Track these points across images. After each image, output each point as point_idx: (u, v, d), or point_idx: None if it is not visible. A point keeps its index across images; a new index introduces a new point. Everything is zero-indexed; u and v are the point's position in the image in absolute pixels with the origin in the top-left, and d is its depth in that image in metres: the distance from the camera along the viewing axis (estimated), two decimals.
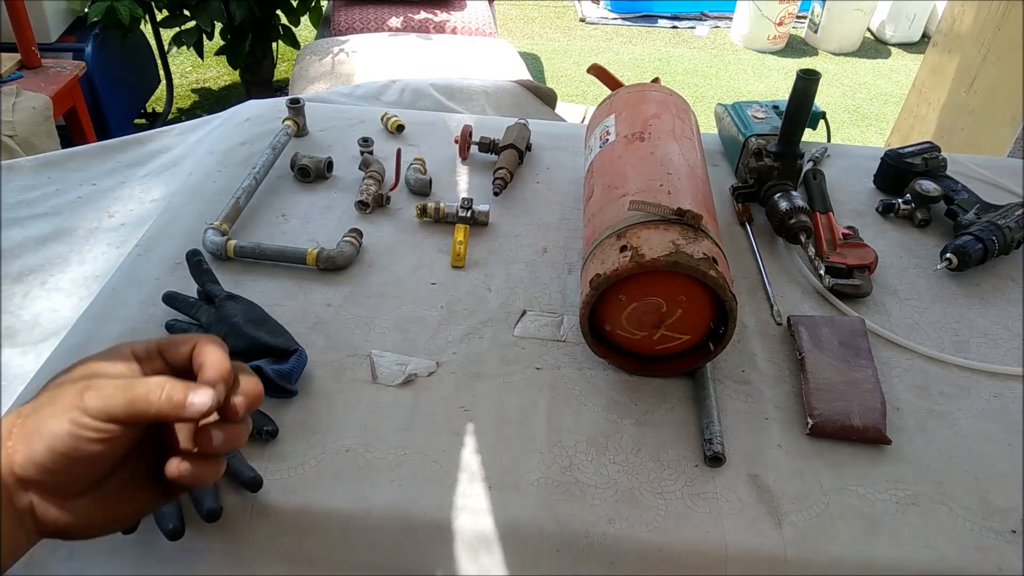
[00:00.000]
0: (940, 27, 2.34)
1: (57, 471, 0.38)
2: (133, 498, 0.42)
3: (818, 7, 4.14)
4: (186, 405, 0.39)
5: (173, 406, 0.39)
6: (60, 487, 0.39)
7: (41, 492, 0.39)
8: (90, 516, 0.40)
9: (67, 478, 0.39)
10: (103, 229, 1.03)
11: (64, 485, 0.39)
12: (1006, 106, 1.95)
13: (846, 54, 4.14)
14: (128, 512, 0.42)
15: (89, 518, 0.40)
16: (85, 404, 0.38)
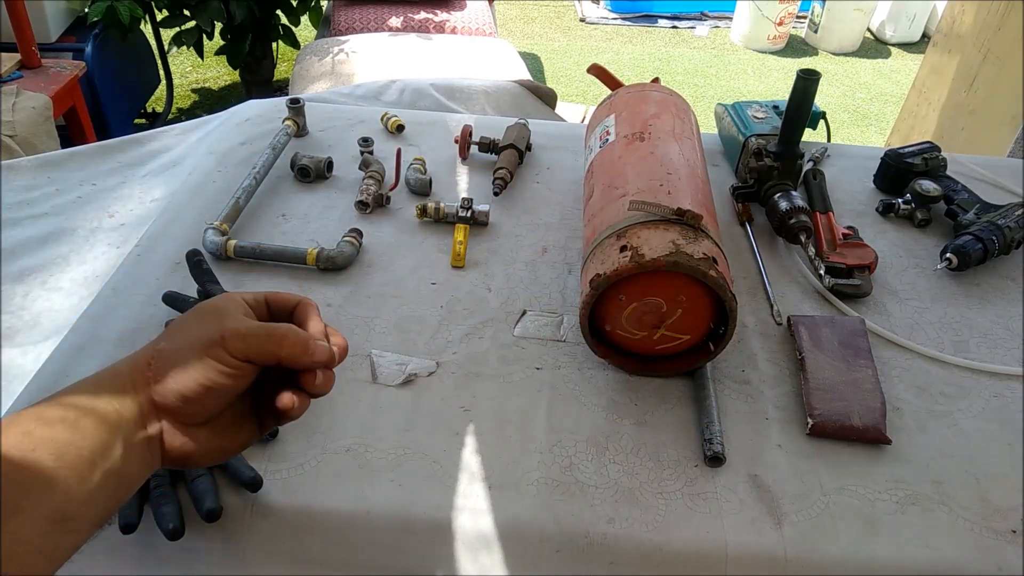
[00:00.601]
0: (940, 27, 2.34)
1: (192, 400, 0.42)
2: (240, 430, 0.47)
3: (818, 7, 4.14)
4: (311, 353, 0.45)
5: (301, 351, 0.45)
6: (190, 416, 0.43)
7: (171, 420, 0.43)
8: (207, 445, 0.45)
9: (199, 407, 0.43)
10: (103, 229, 1.03)
11: (194, 414, 0.43)
12: (1006, 106, 1.95)
13: (846, 54, 4.14)
14: (235, 443, 0.47)
15: (206, 447, 0.44)
16: (228, 345, 0.43)
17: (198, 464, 0.45)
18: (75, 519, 0.37)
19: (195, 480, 0.63)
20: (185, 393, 0.42)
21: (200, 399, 0.42)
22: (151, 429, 0.42)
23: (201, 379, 0.42)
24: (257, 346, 0.44)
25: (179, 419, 0.43)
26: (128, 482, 0.41)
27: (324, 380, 0.47)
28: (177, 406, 0.42)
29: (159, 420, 0.42)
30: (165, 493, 0.62)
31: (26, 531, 0.35)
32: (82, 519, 0.38)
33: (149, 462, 0.42)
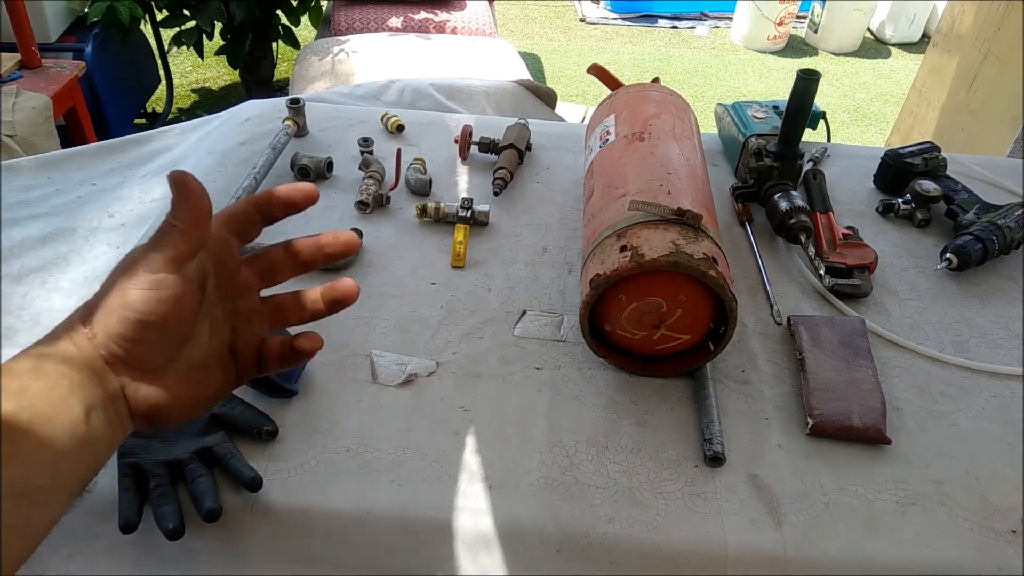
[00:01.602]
0: (940, 27, 2.34)
1: (135, 339, 0.39)
2: (212, 377, 0.43)
3: (818, 7, 4.14)
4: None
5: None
6: (143, 358, 0.40)
7: (128, 369, 0.39)
8: (176, 393, 0.41)
9: (146, 347, 0.39)
10: (103, 229, 1.03)
11: (146, 356, 0.40)
12: (1006, 106, 1.95)
13: (846, 54, 4.14)
14: (209, 391, 0.43)
15: (176, 396, 0.41)
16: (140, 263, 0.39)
17: (171, 418, 0.41)
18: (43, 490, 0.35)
19: (195, 480, 0.63)
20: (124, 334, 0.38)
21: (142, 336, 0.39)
22: (110, 386, 0.39)
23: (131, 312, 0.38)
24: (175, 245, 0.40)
25: (136, 366, 0.39)
26: (97, 447, 0.38)
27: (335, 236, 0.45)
28: (124, 349, 0.39)
29: (116, 375, 0.39)
30: (165, 493, 0.62)
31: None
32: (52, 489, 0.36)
33: (117, 422, 0.39)
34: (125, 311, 0.38)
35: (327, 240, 0.46)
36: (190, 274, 0.41)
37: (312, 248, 0.46)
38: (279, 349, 0.45)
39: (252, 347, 0.45)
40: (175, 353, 0.41)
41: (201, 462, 0.64)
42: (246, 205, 0.44)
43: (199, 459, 0.65)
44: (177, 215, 0.40)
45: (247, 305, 0.45)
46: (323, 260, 0.46)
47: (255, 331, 0.45)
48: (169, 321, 0.39)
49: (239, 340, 0.44)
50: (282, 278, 0.47)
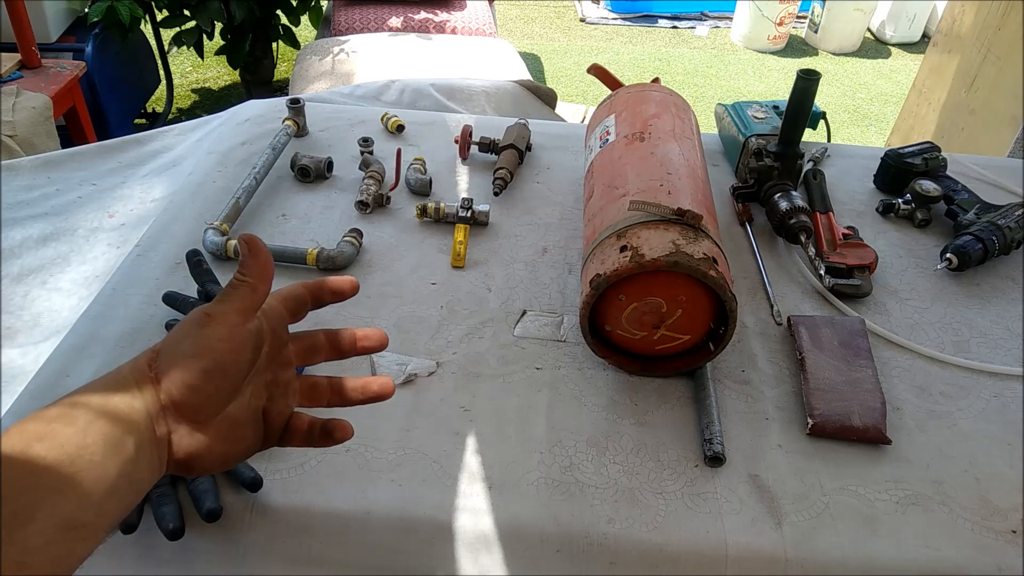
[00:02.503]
0: (940, 27, 2.34)
1: (198, 386, 0.42)
2: (245, 437, 0.46)
3: (818, 7, 4.14)
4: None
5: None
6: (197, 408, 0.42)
7: (178, 417, 0.42)
8: (214, 447, 0.43)
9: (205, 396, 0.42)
10: (103, 229, 1.03)
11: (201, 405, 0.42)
12: (1006, 106, 1.95)
13: (846, 54, 4.14)
14: (240, 449, 0.46)
15: (211, 449, 0.43)
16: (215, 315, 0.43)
17: (201, 470, 0.44)
18: (87, 526, 0.36)
19: (195, 480, 0.63)
20: (187, 380, 0.41)
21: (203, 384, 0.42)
22: (159, 431, 0.41)
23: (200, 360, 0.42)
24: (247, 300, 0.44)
25: (187, 416, 0.42)
26: (138, 486, 0.40)
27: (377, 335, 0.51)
28: (184, 397, 0.41)
29: (166, 421, 0.42)
30: (165, 493, 0.62)
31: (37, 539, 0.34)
32: (94, 525, 0.37)
33: (157, 466, 0.41)
34: (197, 359, 0.42)
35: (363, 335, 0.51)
36: (252, 331, 0.44)
37: (350, 340, 0.51)
38: (307, 427, 0.49)
39: (283, 417, 0.48)
40: (223, 407, 0.44)
41: None
42: (302, 290, 0.49)
43: None
44: (246, 271, 0.45)
45: (285, 378, 0.48)
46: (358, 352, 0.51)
47: (288, 403, 0.49)
48: (229, 372, 0.43)
49: (273, 408, 0.47)
50: (319, 360, 0.51)
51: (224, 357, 0.42)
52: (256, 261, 0.45)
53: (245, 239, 0.45)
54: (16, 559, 0.33)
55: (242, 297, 0.44)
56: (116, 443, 0.38)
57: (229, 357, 0.43)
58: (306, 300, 0.49)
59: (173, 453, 0.42)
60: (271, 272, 0.46)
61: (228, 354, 0.43)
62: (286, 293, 0.49)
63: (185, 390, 0.41)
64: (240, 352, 0.43)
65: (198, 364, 0.42)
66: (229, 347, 0.43)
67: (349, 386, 0.51)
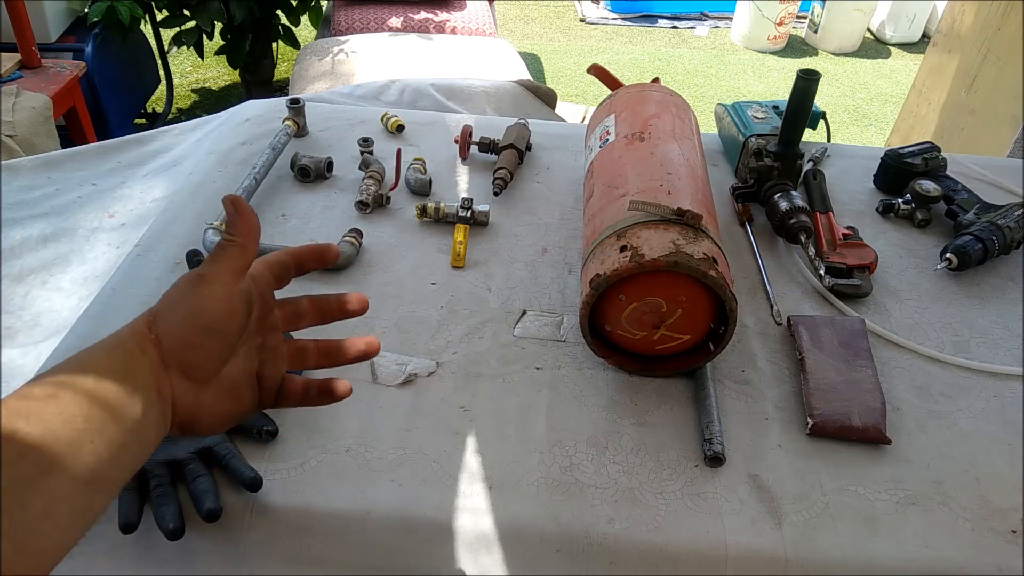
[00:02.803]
0: (940, 27, 2.34)
1: (198, 344, 0.43)
2: (242, 396, 0.47)
3: (818, 7, 4.14)
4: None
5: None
6: (198, 366, 0.43)
7: (180, 377, 0.43)
8: (213, 406, 0.45)
9: (205, 353, 0.43)
10: (103, 229, 1.03)
11: (201, 363, 0.43)
12: (1006, 106, 1.95)
13: (846, 54, 4.14)
14: (237, 410, 0.47)
15: (212, 408, 0.45)
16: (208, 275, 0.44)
17: (202, 429, 0.45)
18: (105, 480, 0.38)
19: (195, 480, 0.63)
20: (189, 339, 0.42)
21: (202, 342, 0.43)
22: (163, 391, 0.42)
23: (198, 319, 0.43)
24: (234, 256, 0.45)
25: (188, 374, 0.43)
26: (146, 444, 0.41)
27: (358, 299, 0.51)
28: (185, 355, 0.42)
29: (169, 381, 0.43)
30: (165, 493, 0.62)
31: (62, 489, 0.36)
32: (110, 480, 0.38)
33: (162, 426, 0.42)
34: (195, 317, 0.43)
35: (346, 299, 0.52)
36: (244, 291, 0.45)
37: (335, 304, 0.52)
38: (302, 388, 0.51)
39: (275, 380, 0.49)
40: (221, 366, 0.45)
41: (201, 462, 0.65)
42: (286, 257, 0.50)
43: (199, 459, 0.65)
44: (234, 230, 0.45)
45: (273, 341, 0.49)
46: (342, 316, 0.52)
47: (279, 366, 0.50)
48: (225, 330, 0.44)
49: (264, 371, 0.49)
50: (304, 325, 0.52)
51: (220, 316, 0.43)
52: (242, 220, 0.46)
53: (230, 199, 0.46)
54: (44, 507, 0.35)
55: (232, 256, 0.45)
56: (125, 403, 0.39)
57: (225, 316, 0.44)
58: (290, 265, 0.50)
59: (176, 412, 0.43)
60: (258, 230, 0.46)
61: (224, 313, 0.43)
62: (271, 259, 0.49)
63: (186, 348, 0.42)
64: (235, 311, 0.44)
65: (197, 323, 0.43)
66: (225, 306, 0.44)
67: (335, 346, 0.52)
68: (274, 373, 0.49)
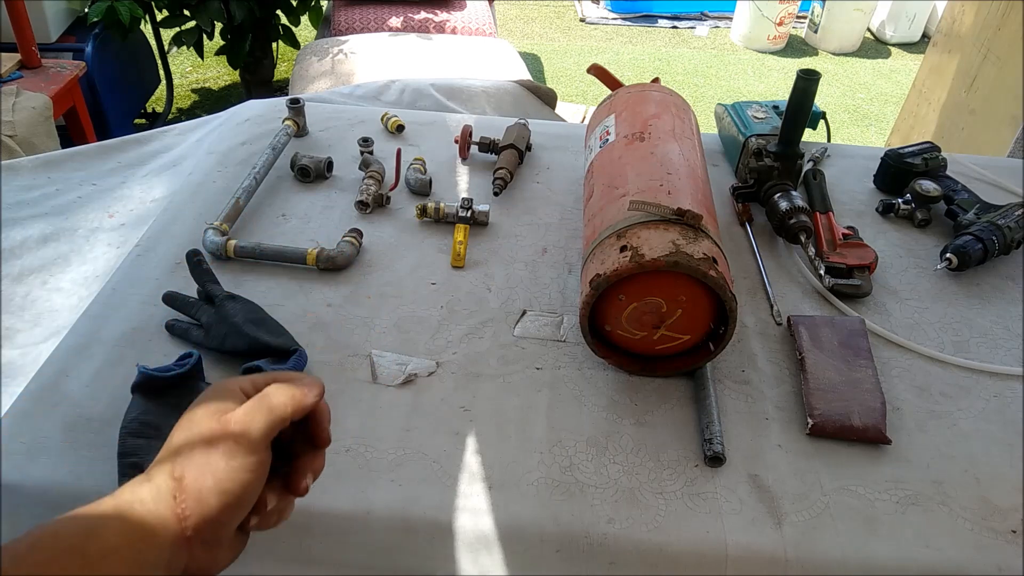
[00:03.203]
0: (940, 27, 2.34)
1: (224, 523, 0.40)
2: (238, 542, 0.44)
3: (818, 7, 4.14)
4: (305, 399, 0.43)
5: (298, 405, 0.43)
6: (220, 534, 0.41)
7: (199, 544, 0.40)
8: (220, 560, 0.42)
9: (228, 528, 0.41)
10: (103, 229, 1.03)
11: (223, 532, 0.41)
12: (1006, 106, 1.95)
13: (846, 54, 4.14)
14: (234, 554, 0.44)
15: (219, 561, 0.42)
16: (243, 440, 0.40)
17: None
18: None
19: None
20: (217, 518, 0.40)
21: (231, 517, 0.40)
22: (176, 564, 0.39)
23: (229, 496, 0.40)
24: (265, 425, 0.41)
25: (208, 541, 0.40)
26: None
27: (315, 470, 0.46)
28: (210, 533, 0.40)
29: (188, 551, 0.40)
30: None
31: None
32: None
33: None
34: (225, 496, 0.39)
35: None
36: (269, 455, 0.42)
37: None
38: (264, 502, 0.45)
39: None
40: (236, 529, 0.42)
41: None
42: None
43: None
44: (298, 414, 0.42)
45: None
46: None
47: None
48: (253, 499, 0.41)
49: None
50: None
51: (251, 488, 0.40)
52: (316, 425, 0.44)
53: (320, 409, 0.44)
54: None
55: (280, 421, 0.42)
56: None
57: (254, 488, 0.41)
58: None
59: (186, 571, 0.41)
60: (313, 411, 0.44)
61: (254, 484, 0.41)
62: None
63: (213, 526, 0.40)
64: (263, 480, 0.41)
65: (226, 500, 0.39)
66: (257, 477, 0.41)
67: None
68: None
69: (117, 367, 0.75)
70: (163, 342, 0.79)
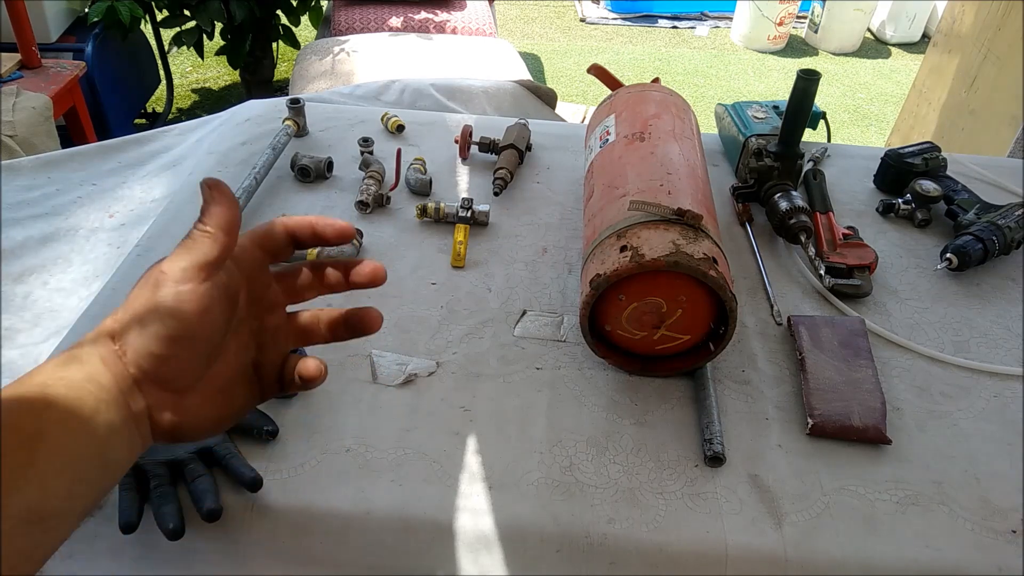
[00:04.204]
0: (940, 27, 2.34)
1: (166, 355, 0.38)
2: (235, 395, 0.42)
3: (818, 7, 4.14)
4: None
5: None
6: (172, 377, 0.39)
7: (156, 389, 0.38)
8: (199, 413, 0.40)
9: (177, 364, 0.38)
10: (103, 229, 1.03)
11: (176, 374, 0.39)
12: (1006, 106, 1.95)
13: (846, 54, 4.14)
14: (231, 409, 0.42)
15: (198, 415, 0.40)
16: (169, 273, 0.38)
17: (193, 436, 0.41)
18: (56, 515, 0.33)
19: (195, 480, 0.63)
20: (155, 351, 0.37)
21: (173, 352, 0.38)
22: (135, 406, 0.38)
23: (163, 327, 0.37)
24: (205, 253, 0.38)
25: (165, 385, 0.38)
26: (113, 469, 0.37)
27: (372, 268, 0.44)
28: (154, 368, 0.38)
29: (142, 394, 0.38)
30: (165, 493, 0.62)
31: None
32: (64, 513, 0.34)
33: (136, 443, 0.38)
34: (156, 326, 0.37)
35: (356, 267, 0.44)
36: (220, 285, 0.39)
37: (341, 273, 0.45)
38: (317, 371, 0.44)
39: (276, 365, 0.44)
40: (203, 371, 0.40)
41: (201, 462, 0.65)
42: (280, 228, 0.43)
43: (199, 459, 0.65)
44: (207, 220, 0.39)
45: (274, 321, 0.44)
46: (349, 287, 0.45)
47: (280, 348, 0.44)
48: (199, 335, 0.38)
49: (264, 358, 0.44)
50: (309, 296, 0.45)
51: (190, 320, 0.38)
52: (220, 208, 0.39)
53: (209, 183, 0.40)
54: None
55: (203, 251, 0.38)
56: (81, 427, 0.35)
57: (196, 319, 0.38)
58: (283, 238, 0.43)
59: (157, 424, 0.39)
60: (237, 220, 0.40)
61: (194, 315, 0.38)
62: (260, 232, 0.43)
63: (154, 361, 0.37)
64: (207, 311, 0.38)
65: (163, 331, 0.37)
66: (194, 308, 0.38)
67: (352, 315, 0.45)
68: (274, 358, 0.44)
69: None
70: None
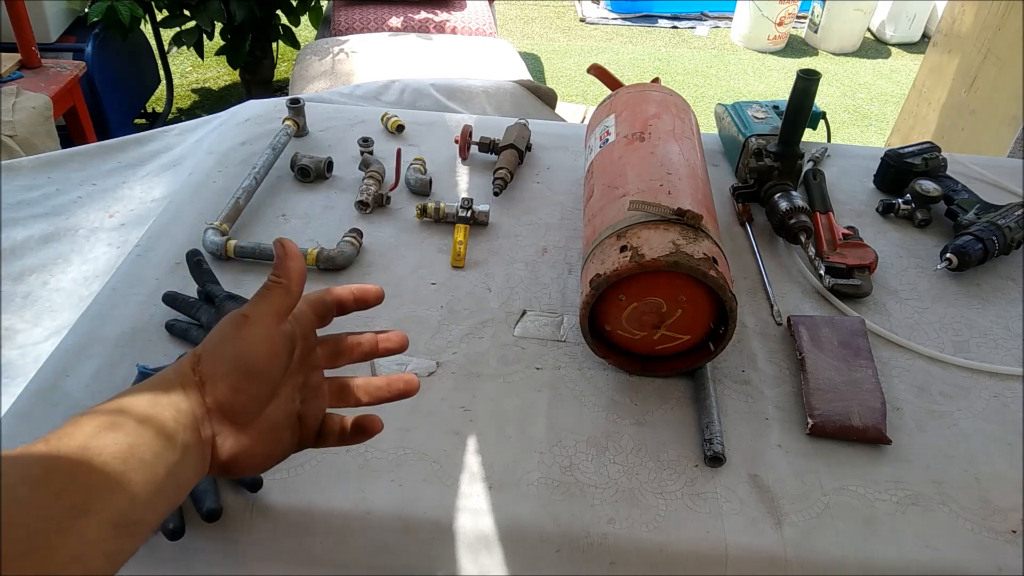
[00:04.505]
0: (940, 27, 2.34)
1: (240, 388, 0.43)
2: (283, 439, 0.47)
3: (818, 7, 4.14)
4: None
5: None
6: (240, 409, 0.43)
7: (222, 419, 0.43)
8: (252, 449, 0.44)
9: (247, 397, 0.43)
10: (103, 229, 1.03)
11: (243, 406, 0.43)
12: (1006, 106, 1.95)
13: (846, 54, 4.14)
14: (278, 451, 0.46)
15: (251, 451, 0.44)
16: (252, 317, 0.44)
17: (242, 471, 0.45)
18: (138, 523, 0.37)
19: None
20: (231, 383, 0.42)
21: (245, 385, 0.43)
22: (204, 433, 0.42)
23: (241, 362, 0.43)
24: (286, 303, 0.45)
25: (230, 418, 0.43)
26: (183, 486, 0.41)
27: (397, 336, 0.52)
28: (227, 399, 0.42)
29: (211, 424, 0.43)
30: None
31: (93, 533, 0.35)
32: (144, 523, 0.38)
33: (200, 468, 0.42)
34: (238, 361, 0.43)
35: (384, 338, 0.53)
36: (286, 334, 0.45)
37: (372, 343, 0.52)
38: (339, 427, 0.50)
39: (316, 420, 0.49)
40: (262, 409, 0.44)
41: None
42: (329, 296, 0.50)
43: None
44: (281, 272, 0.45)
45: (315, 380, 0.49)
46: (380, 354, 0.53)
47: (320, 405, 0.49)
48: (267, 373, 0.44)
49: (307, 411, 0.48)
50: (343, 363, 0.51)
51: (263, 359, 0.43)
52: (291, 263, 0.46)
53: (281, 242, 0.46)
54: (74, 552, 0.34)
55: (277, 299, 0.45)
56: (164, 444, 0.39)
57: (267, 359, 0.44)
58: (332, 306, 0.50)
59: (217, 455, 0.43)
60: (304, 274, 0.46)
61: (267, 356, 0.44)
62: (314, 298, 0.50)
63: (229, 392, 0.42)
64: (277, 354, 0.44)
65: (240, 366, 0.43)
66: (267, 349, 0.44)
67: (376, 385, 0.52)
68: (316, 412, 0.49)
69: (117, 367, 0.75)
70: (163, 342, 0.79)
